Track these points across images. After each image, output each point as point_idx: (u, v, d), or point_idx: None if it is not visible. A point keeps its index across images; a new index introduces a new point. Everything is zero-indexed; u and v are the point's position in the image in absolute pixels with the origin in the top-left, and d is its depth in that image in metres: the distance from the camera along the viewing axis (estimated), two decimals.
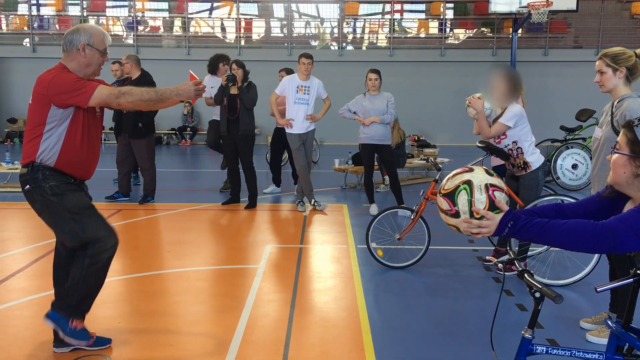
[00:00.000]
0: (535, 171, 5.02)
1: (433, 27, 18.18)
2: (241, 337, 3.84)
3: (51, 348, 3.65)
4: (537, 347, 2.26)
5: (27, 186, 3.40)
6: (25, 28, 17.73)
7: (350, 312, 4.33)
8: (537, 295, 2.12)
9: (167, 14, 18.35)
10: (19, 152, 3.66)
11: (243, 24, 18.01)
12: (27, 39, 17.62)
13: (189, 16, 17.96)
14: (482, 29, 17.97)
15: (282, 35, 18.35)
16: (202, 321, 4.19)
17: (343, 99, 8.51)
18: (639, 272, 2.27)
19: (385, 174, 9.16)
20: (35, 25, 17.82)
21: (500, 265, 2.33)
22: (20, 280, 5.02)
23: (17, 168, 8.60)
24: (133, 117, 7.90)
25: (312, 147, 8.05)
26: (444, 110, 16.71)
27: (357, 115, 7.36)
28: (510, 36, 16.11)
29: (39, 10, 18.10)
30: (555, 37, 17.57)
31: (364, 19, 18.39)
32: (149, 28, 18.40)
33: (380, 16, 18.37)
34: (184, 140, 17.21)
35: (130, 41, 17.62)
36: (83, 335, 3.54)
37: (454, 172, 2.26)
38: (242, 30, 17.90)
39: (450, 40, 17.91)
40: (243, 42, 17.81)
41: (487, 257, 2.56)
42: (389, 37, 17.70)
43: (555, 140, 10.34)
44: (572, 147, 9.58)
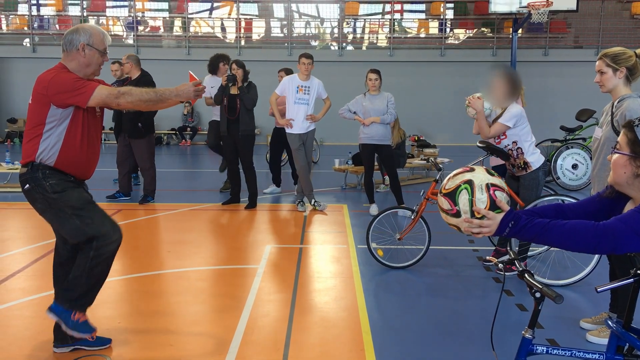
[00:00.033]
0: (536, 171, 5.01)
1: (433, 27, 18.18)
2: (241, 337, 3.84)
3: (51, 348, 3.65)
4: (538, 347, 2.26)
5: (27, 185, 3.39)
6: (26, 28, 17.74)
7: (351, 312, 4.33)
8: (538, 295, 2.12)
9: (167, 14, 18.36)
10: (19, 152, 3.65)
11: (243, 24, 18.01)
12: (27, 39, 17.62)
13: (189, 16, 17.96)
14: (482, 29, 17.98)
15: (282, 35, 18.36)
16: (202, 321, 4.19)
17: (343, 99, 8.51)
18: (639, 272, 2.27)
19: (385, 174, 9.16)
20: (35, 25, 17.82)
21: (500, 266, 2.33)
22: (20, 280, 5.02)
23: (17, 168, 8.60)
24: (132, 117, 7.90)
25: (312, 147, 8.05)
26: (444, 110, 16.71)
27: (357, 115, 7.36)
28: (511, 36, 16.11)
29: (39, 11, 18.11)
30: (556, 37, 17.57)
31: (364, 19, 18.39)
32: (149, 28, 18.40)
33: (380, 16, 18.37)
34: (184, 140, 17.21)
35: (131, 41, 17.62)
36: (86, 327, 3.49)
37: (455, 172, 2.25)
38: (242, 31, 17.90)
39: (451, 40, 17.91)
40: (243, 42, 17.82)
41: (487, 257, 2.55)
42: (389, 37, 17.70)
43: (556, 140, 10.34)
44: (572, 147, 9.58)
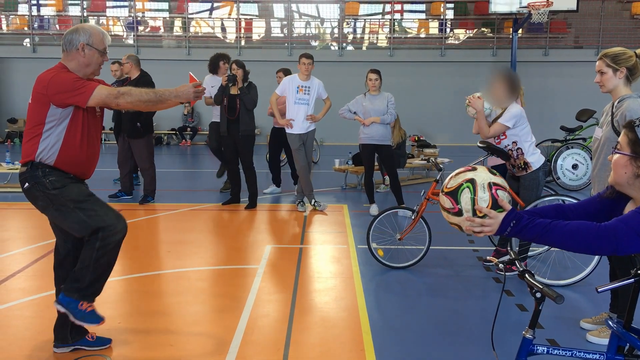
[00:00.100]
0: (536, 171, 5.01)
1: (433, 27, 18.18)
2: (241, 337, 3.84)
3: (51, 348, 3.65)
4: (538, 348, 2.26)
5: (27, 184, 3.39)
6: (26, 28, 17.73)
7: (351, 312, 4.33)
8: (538, 295, 2.12)
9: (167, 14, 18.35)
10: (19, 152, 3.64)
11: (243, 24, 18.01)
12: (27, 39, 17.62)
13: (189, 16, 17.95)
14: (483, 29, 17.97)
15: (282, 35, 18.35)
16: (202, 321, 4.19)
17: (343, 99, 8.51)
18: (639, 272, 2.27)
19: (385, 174, 9.16)
20: (35, 25, 17.81)
21: (501, 266, 2.33)
22: (20, 280, 5.02)
23: (17, 168, 8.59)
24: (131, 117, 7.90)
25: (313, 147, 8.04)
26: (444, 111, 16.70)
27: (357, 115, 7.35)
28: (511, 36, 16.10)
29: (39, 11, 18.10)
30: (556, 37, 17.56)
31: (364, 19, 18.39)
32: (149, 28, 18.39)
33: (380, 16, 18.37)
34: (184, 140, 17.21)
35: (131, 41, 17.62)
36: (93, 317, 3.46)
37: (457, 171, 2.25)
38: (242, 31, 17.90)
39: (451, 41, 17.90)
40: (243, 43, 17.81)
41: (487, 258, 2.55)
42: (389, 37, 17.70)
43: (556, 141, 10.33)
44: (573, 148, 9.57)
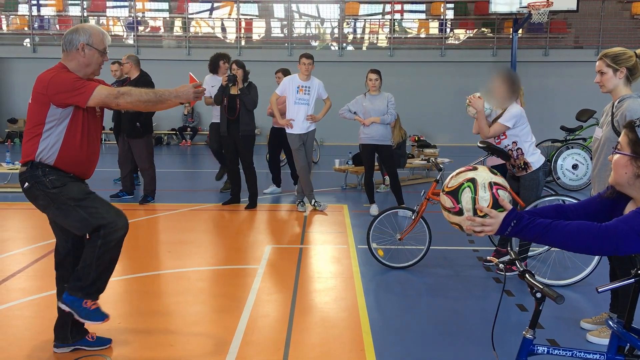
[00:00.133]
0: (536, 171, 5.01)
1: (433, 28, 18.17)
2: (241, 338, 3.84)
3: (51, 348, 3.65)
4: (538, 348, 2.26)
5: (27, 184, 3.39)
6: (26, 28, 17.73)
7: (351, 312, 4.33)
8: (539, 295, 2.12)
9: (167, 14, 18.35)
10: (19, 152, 3.64)
11: (243, 24, 18.01)
12: (27, 39, 17.61)
13: (189, 16, 17.95)
14: (483, 29, 17.97)
15: (282, 35, 18.35)
16: (203, 321, 4.19)
17: (343, 99, 8.51)
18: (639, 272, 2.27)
19: (385, 174, 9.15)
20: (35, 25, 17.81)
21: (501, 266, 2.33)
22: (20, 280, 5.01)
23: (18, 168, 8.59)
24: (131, 117, 7.90)
25: (313, 147, 8.04)
26: (444, 111, 16.70)
27: (357, 115, 7.35)
28: (511, 36, 16.09)
29: (39, 11, 18.10)
30: (556, 37, 17.56)
31: (364, 19, 18.39)
32: (149, 28, 18.39)
33: (380, 16, 18.36)
34: (184, 140, 17.21)
35: (131, 41, 17.62)
36: (98, 314, 3.46)
37: (457, 171, 2.25)
38: (242, 31, 17.89)
39: (451, 41, 17.90)
40: (243, 43, 17.81)
41: (488, 258, 2.55)
42: (389, 38, 17.70)
43: (556, 141, 10.33)
44: (573, 148, 9.57)
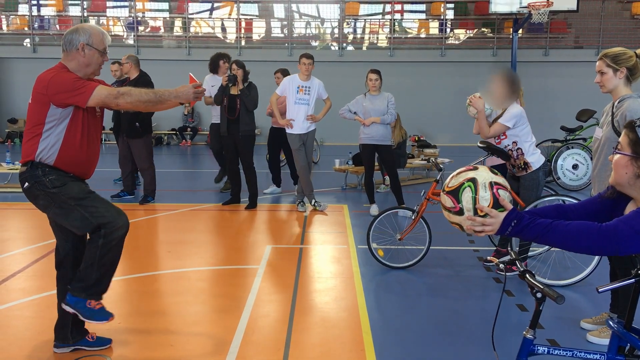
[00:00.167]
0: (536, 171, 5.01)
1: (433, 28, 18.17)
2: (241, 338, 3.84)
3: (51, 348, 3.65)
4: (539, 348, 2.26)
5: (27, 184, 3.39)
6: (26, 28, 17.73)
7: (351, 312, 4.33)
8: (539, 295, 2.12)
9: (167, 15, 18.35)
10: (20, 153, 3.64)
11: (243, 24, 18.00)
12: (27, 40, 17.61)
13: (190, 16, 17.95)
14: (483, 29, 17.96)
15: (282, 35, 18.35)
16: (203, 321, 4.19)
17: (343, 99, 8.50)
18: None
19: (385, 174, 9.15)
20: (35, 25, 17.81)
21: (501, 266, 2.32)
22: (20, 280, 5.01)
23: (18, 168, 8.59)
24: (130, 117, 7.90)
25: (313, 147, 8.04)
26: (444, 111, 16.69)
27: (357, 115, 7.35)
28: (511, 36, 16.09)
29: (39, 11, 18.10)
30: (556, 37, 17.56)
31: (365, 19, 18.39)
32: (150, 28, 18.39)
33: (380, 16, 18.36)
34: (184, 140, 17.20)
35: (131, 41, 17.61)
36: (102, 314, 3.46)
37: (458, 170, 2.24)
38: (242, 31, 17.89)
39: (451, 41, 17.90)
40: (243, 43, 17.81)
41: (488, 258, 2.55)
42: (390, 38, 17.69)
43: (556, 141, 10.33)
44: (573, 148, 9.57)
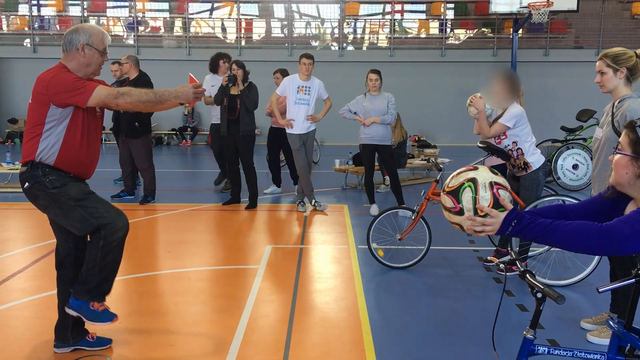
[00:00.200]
0: (536, 171, 5.01)
1: (433, 28, 18.16)
2: (241, 338, 3.84)
3: (51, 348, 3.65)
4: (539, 348, 2.26)
5: (27, 184, 3.39)
6: (26, 28, 17.72)
7: (351, 312, 4.33)
8: (539, 295, 2.12)
9: (167, 15, 18.34)
10: (20, 153, 3.64)
11: (243, 24, 18.00)
12: (27, 40, 17.61)
13: (190, 16, 17.94)
14: (483, 29, 17.96)
15: (282, 35, 18.35)
16: (203, 321, 4.19)
17: (343, 100, 8.50)
18: None
19: (385, 174, 9.15)
20: (35, 25, 17.80)
21: (501, 266, 2.32)
22: (20, 280, 5.01)
23: (18, 168, 8.58)
24: (130, 117, 7.90)
25: (313, 147, 8.04)
26: (444, 111, 16.69)
27: (357, 115, 7.35)
28: (511, 36, 16.09)
29: (39, 11, 18.09)
30: (556, 37, 17.56)
31: (365, 20, 18.38)
32: (150, 28, 18.38)
33: (380, 16, 18.36)
34: (184, 140, 17.20)
35: (131, 41, 17.61)
36: (106, 315, 3.46)
37: (458, 171, 2.24)
38: (242, 31, 17.89)
39: (451, 41, 17.89)
40: (243, 43, 17.81)
41: (488, 258, 2.54)
42: (390, 38, 17.69)
43: (556, 141, 10.33)
44: (573, 148, 9.57)
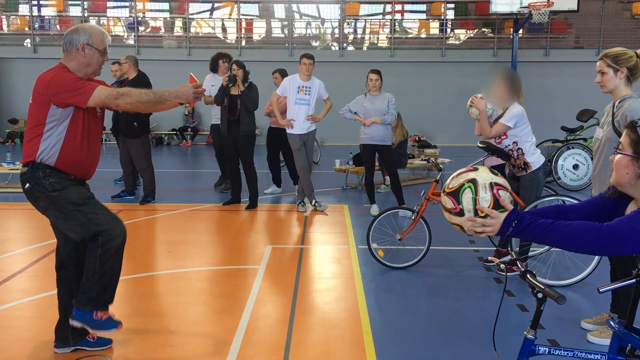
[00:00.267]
0: (536, 171, 5.01)
1: (434, 28, 18.16)
2: (242, 338, 3.84)
3: (52, 348, 3.65)
4: (540, 348, 2.26)
5: (27, 185, 3.39)
6: (26, 29, 17.72)
7: (351, 312, 4.33)
8: (540, 295, 2.12)
9: (168, 15, 18.34)
10: (20, 153, 3.64)
11: (244, 24, 18.00)
12: (28, 40, 17.61)
13: (190, 17, 17.94)
14: (483, 29, 17.95)
15: (282, 35, 18.35)
16: (203, 322, 4.19)
17: (344, 100, 8.50)
18: None
19: (386, 175, 9.15)
20: (36, 25, 17.80)
21: (502, 266, 2.32)
22: (20, 280, 5.01)
23: (18, 168, 8.59)
24: (128, 117, 7.89)
25: (313, 147, 8.04)
26: (444, 111, 16.68)
27: (357, 115, 7.35)
28: (511, 36, 16.08)
29: (39, 11, 18.09)
30: (556, 37, 17.55)
31: (365, 20, 18.38)
32: (150, 29, 18.38)
33: (381, 16, 18.36)
34: (184, 140, 17.20)
35: (131, 42, 17.61)
36: (110, 323, 3.46)
37: (458, 171, 2.24)
38: (242, 31, 17.88)
39: (451, 41, 17.89)
40: (244, 43, 17.81)
41: (489, 258, 2.54)
42: (390, 38, 17.69)
43: (556, 141, 10.32)
44: (573, 148, 9.56)
